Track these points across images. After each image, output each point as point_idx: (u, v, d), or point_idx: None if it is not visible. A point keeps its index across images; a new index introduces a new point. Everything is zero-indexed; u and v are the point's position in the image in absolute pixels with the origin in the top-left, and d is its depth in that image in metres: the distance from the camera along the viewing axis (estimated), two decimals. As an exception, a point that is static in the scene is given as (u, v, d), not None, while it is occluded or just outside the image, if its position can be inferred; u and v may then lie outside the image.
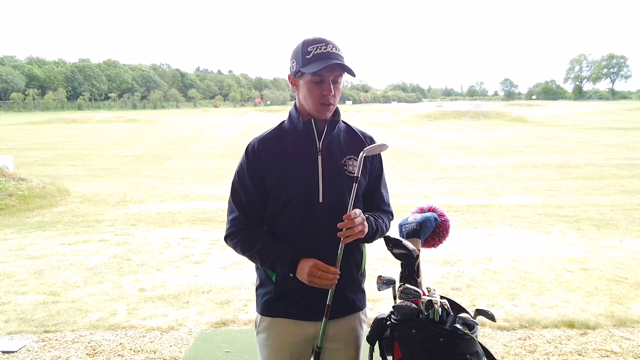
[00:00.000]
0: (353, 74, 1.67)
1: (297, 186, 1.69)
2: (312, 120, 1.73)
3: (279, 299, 1.75)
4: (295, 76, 1.70)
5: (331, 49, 1.64)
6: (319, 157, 1.72)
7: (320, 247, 1.68)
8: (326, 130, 1.74)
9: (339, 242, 1.64)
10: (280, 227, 1.74)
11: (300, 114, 1.75)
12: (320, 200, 1.70)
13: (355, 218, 1.61)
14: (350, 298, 1.79)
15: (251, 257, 1.75)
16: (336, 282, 1.64)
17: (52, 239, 6.56)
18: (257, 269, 1.84)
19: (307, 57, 1.64)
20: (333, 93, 1.66)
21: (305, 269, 1.63)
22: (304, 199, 1.68)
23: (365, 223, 1.66)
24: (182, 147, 21.21)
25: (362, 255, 1.82)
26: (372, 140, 1.85)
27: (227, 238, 1.79)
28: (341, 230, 1.62)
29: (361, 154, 1.66)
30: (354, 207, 1.65)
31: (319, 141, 1.73)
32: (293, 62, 1.69)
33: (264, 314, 1.79)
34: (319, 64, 1.62)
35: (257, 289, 1.85)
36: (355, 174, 1.67)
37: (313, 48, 1.64)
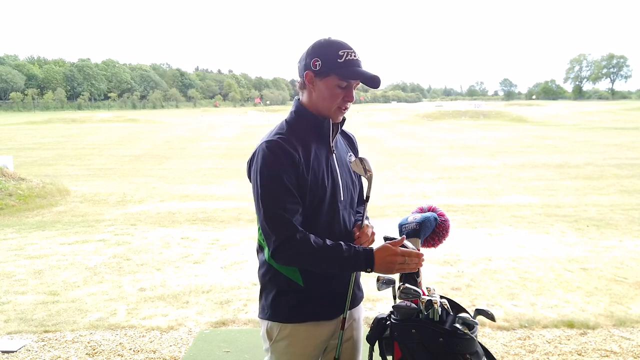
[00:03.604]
0: (377, 86, 1.66)
1: (327, 185, 1.69)
2: (329, 119, 1.72)
3: (306, 303, 1.70)
4: (316, 75, 1.64)
5: (358, 57, 1.65)
6: (334, 156, 1.75)
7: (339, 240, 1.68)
8: (337, 130, 1.77)
9: (351, 236, 1.73)
10: (312, 228, 1.64)
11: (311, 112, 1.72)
12: (342, 198, 1.73)
13: (368, 232, 1.74)
14: (358, 292, 1.87)
15: (311, 264, 1.63)
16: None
17: (51, 239, 6.55)
18: (275, 275, 1.71)
19: (339, 60, 1.61)
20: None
21: (387, 260, 1.60)
22: (331, 198, 1.69)
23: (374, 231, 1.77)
24: (182, 147, 21.21)
25: None
26: (353, 138, 1.97)
27: (279, 249, 1.58)
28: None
29: (366, 176, 1.76)
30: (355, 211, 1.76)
31: (331, 140, 1.75)
32: (317, 61, 1.62)
33: (288, 322, 1.71)
34: (355, 72, 1.62)
35: (275, 297, 1.71)
36: (366, 194, 1.75)
37: (344, 53, 1.61)
